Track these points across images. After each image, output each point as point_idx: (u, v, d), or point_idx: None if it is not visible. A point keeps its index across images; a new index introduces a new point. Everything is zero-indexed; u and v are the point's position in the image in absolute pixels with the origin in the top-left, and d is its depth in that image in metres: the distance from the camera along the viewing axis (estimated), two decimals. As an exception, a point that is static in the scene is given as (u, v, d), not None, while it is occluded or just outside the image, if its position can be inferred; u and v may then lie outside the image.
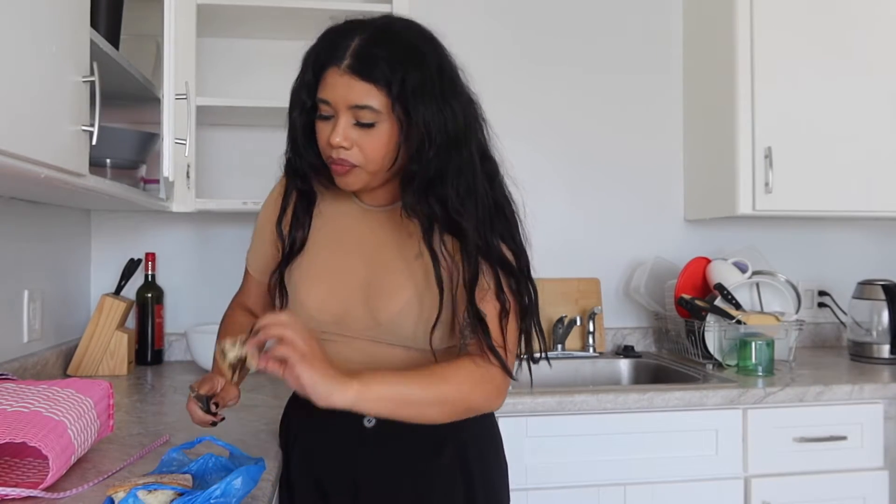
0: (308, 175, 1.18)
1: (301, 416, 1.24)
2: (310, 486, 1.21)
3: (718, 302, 2.13)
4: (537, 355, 1.20)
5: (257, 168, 2.27)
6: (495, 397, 1.12)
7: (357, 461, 1.17)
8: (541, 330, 1.20)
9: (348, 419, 1.12)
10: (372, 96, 1.05)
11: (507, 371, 1.11)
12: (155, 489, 0.88)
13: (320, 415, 1.11)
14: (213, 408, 1.09)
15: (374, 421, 1.15)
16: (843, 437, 1.86)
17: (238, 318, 1.32)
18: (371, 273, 1.16)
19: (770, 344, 2.00)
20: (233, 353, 1.02)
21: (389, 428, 1.12)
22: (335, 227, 1.20)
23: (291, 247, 1.18)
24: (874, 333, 2.25)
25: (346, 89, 1.05)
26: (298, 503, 1.22)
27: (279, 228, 1.20)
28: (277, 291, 1.20)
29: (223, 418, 1.13)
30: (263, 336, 0.99)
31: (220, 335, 1.27)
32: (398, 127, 1.07)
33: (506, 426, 1.66)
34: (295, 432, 1.25)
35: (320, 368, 0.97)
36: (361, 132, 1.07)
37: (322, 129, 1.09)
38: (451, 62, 1.16)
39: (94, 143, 1.20)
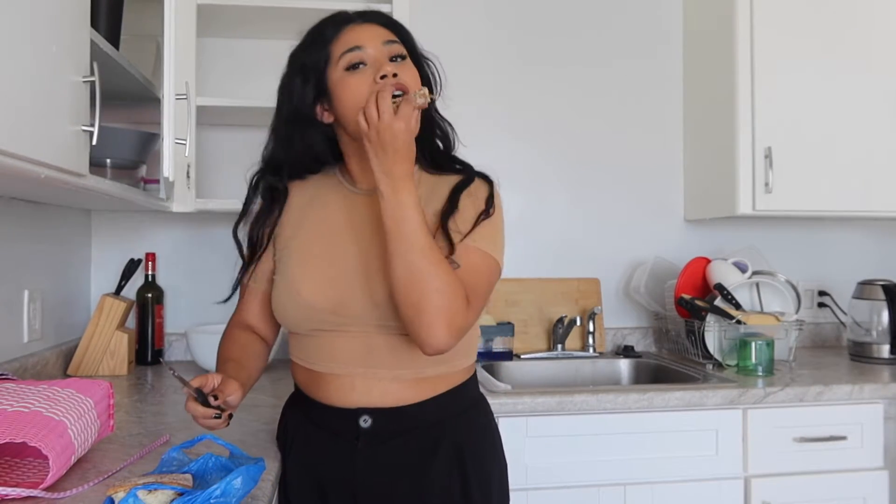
0: (284, 171, 1.22)
1: (298, 417, 1.25)
2: (308, 486, 1.20)
3: (718, 302, 2.13)
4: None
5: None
6: (448, 324, 1.07)
7: (354, 461, 1.16)
8: None
9: (345, 419, 1.14)
10: (393, 36, 1.16)
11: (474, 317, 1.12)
12: (155, 489, 0.88)
13: (316, 415, 1.19)
14: (212, 401, 1.02)
15: (370, 421, 1.15)
16: (843, 437, 1.86)
17: (237, 343, 1.26)
18: (366, 255, 1.16)
19: (770, 344, 2.00)
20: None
21: (386, 427, 1.14)
22: (323, 217, 1.21)
23: (252, 243, 1.23)
24: (874, 333, 2.25)
25: (372, 31, 1.14)
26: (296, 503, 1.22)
27: (256, 231, 1.24)
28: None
29: (230, 413, 1.05)
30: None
31: (221, 359, 1.22)
32: (418, 74, 1.17)
33: (506, 426, 1.67)
34: (292, 434, 1.25)
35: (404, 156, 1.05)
36: (398, 66, 1.13)
37: (357, 78, 1.12)
38: None
39: (94, 143, 1.20)
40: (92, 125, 1.19)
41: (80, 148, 1.17)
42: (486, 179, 1.22)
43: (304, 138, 1.20)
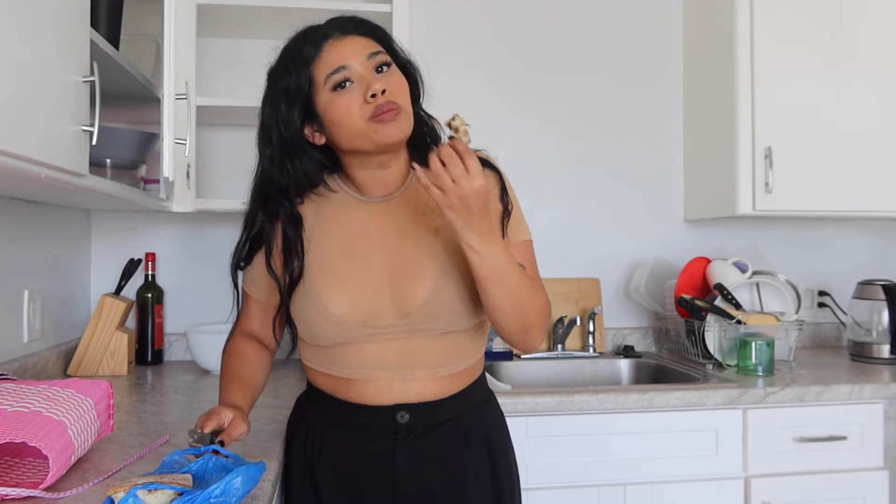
0: (292, 195, 1.19)
1: (322, 419, 1.24)
2: (340, 486, 1.20)
3: (718, 302, 2.13)
4: None
5: (257, 168, 2.28)
6: (545, 329, 1.21)
7: (394, 456, 1.17)
8: None
9: (381, 416, 1.16)
10: (376, 45, 1.13)
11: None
12: (155, 489, 0.88)
13: (346, 414, 1.19)
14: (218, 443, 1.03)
15: (407, 416, 1.16)
16: (843, 437, 1.86)
17: (242, 358, 1.26)
18: (392, 264, 1.17)
19: (770, 344, 2.00)
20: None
21: (422, 421, 1.17)
22: (342, 232, 1.20)
23: (291, 276, 1.18)
24: (874, 333, 2.25)
25: (354, 45, 1.12)
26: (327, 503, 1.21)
27: (271, 270, 1.19)
28: (283, 319, 1.23)
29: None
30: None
31: (226, 376, 1.23)
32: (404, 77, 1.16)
33: (506, 426, 1.67)
34: (320, 435, 1.23)
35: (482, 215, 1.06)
36: (385, 76, 1.11)
37: (345, 98, 1.10)
38: None
39: (94, 143, 1.20)
40: (92, 125, 1.19)
41: (80, 148, 1.17)
42: (490, 167, 1.22)
43: (299, 164, 1.17)
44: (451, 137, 1.06)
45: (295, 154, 1.16)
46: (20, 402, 1.04)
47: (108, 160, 1.61)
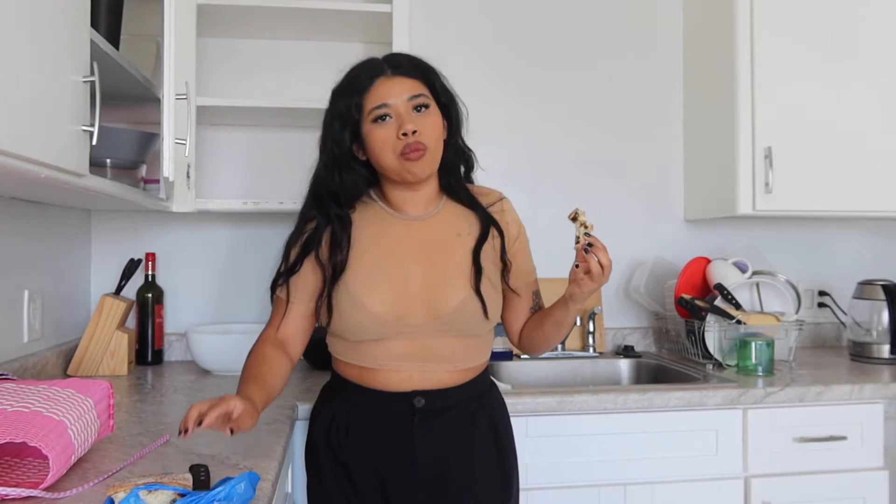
0: (342, 200, 1.35)
1: (346, 406, 1.38)
2: (367, 461, 1.34)
3: (718, 302, 2.13)
4: None
5: (257, 168, 2.28)
6: None
7: (413, 437, 1.33)
8: None
9: (401, 402, 1.33)
10: (420, 87, 1.32)
11: None
12: (156, 489, 0.88)
13: (370, 399, 1.35)
14: (228, 433, 1.10)
15: (423, 401, 1.33)
16: (843, 437, 1.86)
17: (267, 361, 1.34)
18: (426, 273, 1.34)
19: (770, 344, 2.00)
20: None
21: (435, 405, 1.34)
22: (381, 241, 1.36)
23: (334, 269, 1.33)
24: (874, 333, 2.25)
25: (400, 86, 1.30)
26: (360, 483, 1.35)
27: (319, 261, 1.35)
28: (326, 308, 1.35)
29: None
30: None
31: (247, 374, 1.31)
32: (441, 115, 1.35)
33: (506, 426, 1.67)
34: (346, 418, 1.37)
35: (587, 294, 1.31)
36: (420, 117, 1.30)
37: (383, 132, 1.29)
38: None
39: (94, 143, 1.20)
40: (92, 125, 1.19)
41: (80, 148, 1.17)
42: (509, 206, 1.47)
43: (347, 176, 1.35)
44: (586, 234, 1.27)
45: (344, 167, 1.34)
46: (20, 402, 1.04)
47: (108, 160, 1.61)
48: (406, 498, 1.34)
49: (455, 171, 1.41)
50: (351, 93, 1.31)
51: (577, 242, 1.28)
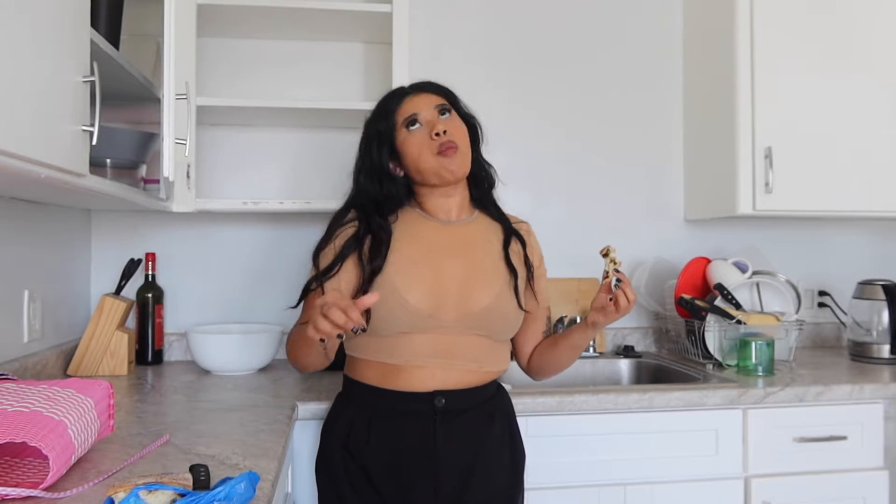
0: (385, 208, 1.45)
1: (367, 412, 1.42)
2: (388, 462, 1.39)
3: (718, 302, 2.13)
4: None
5: (257, 168, 2.28)
6: None
7: (436, 435, 1.38)
8: None
9: (422, 402, 1.39)
10: (443, 100, 1.47)
11: None
12: (156, 489, 0.88)
13: (391, 401, 1.40)
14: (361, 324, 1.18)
15: (444, 401, 1.39)
16: (843, 437, 1.86)
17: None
18: (461, 272, 1.42)
19: (770, 344, 2.00)
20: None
21: (455, 405, 1.40)
22: (416, 242, 1.44)
23: (374, 269, 1.40)
24: (874, 333, 2.25)
25: (426, 99, 1.45)
26: (379, 485, 1.39)
27: (361, 262, 1.42)
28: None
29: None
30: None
31: (294, 345, 1.44)
32: (465, 124, 1.47)
33: (506, 426, 1.67)
34: (366, 423, 1.41)
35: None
36: (447, 120, 1.43)
37: (417, 136, 1.42)
38: None
39: (94, 143, 1.20)
40: (92, 125, 1.19)
41: (80, 148, 1.17)
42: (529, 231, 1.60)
43: (388, 186, 1.47)
44: (616, 270, 1.37)
45: (384, 180, 1.46)
46: (20, 402, 1.04)
47: (108, 160, 1.61)
48: (428, 498, 1.38)
49: (482, 184, 1.53)
50: (384, 113, 1.46)
51: (606, 276, 1.38)
